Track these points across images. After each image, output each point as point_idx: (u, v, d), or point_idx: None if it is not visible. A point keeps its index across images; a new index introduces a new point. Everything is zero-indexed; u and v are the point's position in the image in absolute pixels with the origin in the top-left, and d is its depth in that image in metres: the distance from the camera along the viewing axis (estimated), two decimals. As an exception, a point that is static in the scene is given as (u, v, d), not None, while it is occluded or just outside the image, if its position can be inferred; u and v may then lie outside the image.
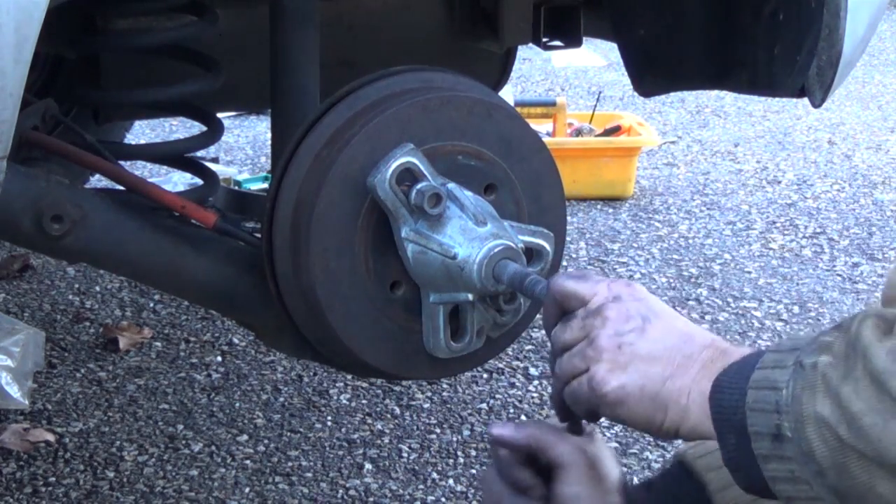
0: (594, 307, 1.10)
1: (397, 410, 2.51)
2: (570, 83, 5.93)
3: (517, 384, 2.64)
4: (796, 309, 3.07)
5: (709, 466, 1.19)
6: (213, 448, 2.35)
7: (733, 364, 1.03)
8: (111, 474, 2.25)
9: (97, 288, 3.12)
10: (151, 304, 3.01)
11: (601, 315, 1.08)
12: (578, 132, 4.16)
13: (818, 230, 3.70)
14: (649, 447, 2.37)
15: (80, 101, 2.34)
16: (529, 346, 2.79)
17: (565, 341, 1.11)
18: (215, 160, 4.15)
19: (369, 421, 2.46)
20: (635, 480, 2.22)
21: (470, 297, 1.42)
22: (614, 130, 4.16)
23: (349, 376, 2.60)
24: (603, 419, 1.12)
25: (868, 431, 0.90)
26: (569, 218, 1.63)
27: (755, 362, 1.00)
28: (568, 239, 1.59)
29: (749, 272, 3.34)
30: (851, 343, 0.93)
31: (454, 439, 2.40)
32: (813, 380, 0.93)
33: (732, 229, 3.72)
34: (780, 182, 4.23)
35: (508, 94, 4.17)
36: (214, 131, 2.01)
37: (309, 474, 2.26)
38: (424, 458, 2.33)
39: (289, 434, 2.40)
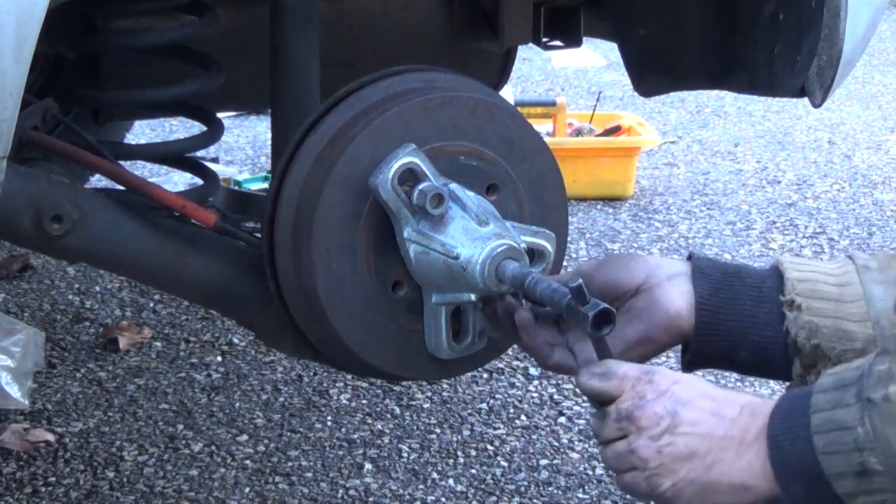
0: (624, 412, 1.19)
1: (397, 410, 2.51)
2: (570, 83, 5.93)
3: (517, 384, 2.64)
4: (796, 309, 3.07)
5: None
6: (213, 448, 2.35)
7: (774, 417, 1.10)
8: (111, 474, 2.25)
9: (97, 288, 3.11)
10: (151, 304, 3.01)
11: (633, 422, 1.19)
12: (578, 132, 4.16)
13: (818, 230, 3.70)
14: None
15: (80, 101, 2.33)
16: (529, 347, 2.78)
17: (606, 437, 1.22)
18: (215, 160, 4.15)
19: (369, 421, 2.46)
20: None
21: (472, 297, 1.42)
22: (614, 130, 4.16)
23: (349, 376, 2.60)
24: None
25: None
26: (569, 218, 1.62)
27: (802, 408, 1.07)
28: (568, 239, 1.59)
29: (749, 272, 3.33)
30: None
31: (454, 439, 2.39)
32: (892, 411, 0.99)
33: (732, 229, 3.72)
34: (780, 182, 4.23)
35: (508, 94, 4.17)
36: (214, 131, 2.01)
37: (309, 474, 2.26)
38: (424, 458, 2.33)
39: (289, 434, 2.40)
